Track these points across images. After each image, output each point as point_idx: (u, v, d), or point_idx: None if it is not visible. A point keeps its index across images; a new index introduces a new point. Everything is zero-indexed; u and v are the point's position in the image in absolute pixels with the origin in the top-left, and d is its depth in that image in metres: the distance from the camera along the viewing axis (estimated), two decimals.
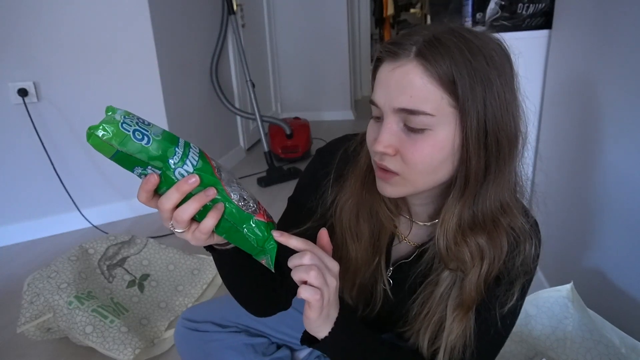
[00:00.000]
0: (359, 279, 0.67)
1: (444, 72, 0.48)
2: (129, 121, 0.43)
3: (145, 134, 0.44)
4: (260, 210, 0.53)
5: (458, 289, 0.59)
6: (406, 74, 0.49)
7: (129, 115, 0.44)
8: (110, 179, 2.16)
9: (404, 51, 0.50)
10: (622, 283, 0.85)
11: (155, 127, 0.46)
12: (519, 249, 0.58)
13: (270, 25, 3.88)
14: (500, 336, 0.62)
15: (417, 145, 0.50)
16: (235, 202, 0.49)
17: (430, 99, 0.49)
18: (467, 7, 1.41)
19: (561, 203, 1.21)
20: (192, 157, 0.47)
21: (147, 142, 0.44)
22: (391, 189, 0.55)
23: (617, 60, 0.90)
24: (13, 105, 1.86)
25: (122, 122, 0.43)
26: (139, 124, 0.44)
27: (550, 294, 0.91)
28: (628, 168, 0.83)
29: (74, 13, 1.90)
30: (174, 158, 0.45)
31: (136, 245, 1.53)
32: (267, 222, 0.53)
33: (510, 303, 0.59)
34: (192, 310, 0.89)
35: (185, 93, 2.43)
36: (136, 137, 0.43)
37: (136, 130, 0.43)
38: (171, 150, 0.45)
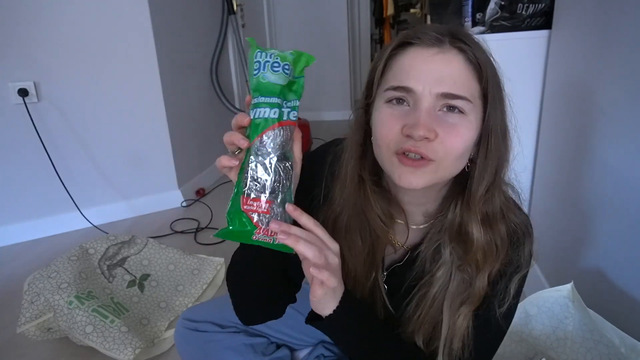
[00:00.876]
0: (358, 294, 0.66)
1: (479, 63, 0.52)
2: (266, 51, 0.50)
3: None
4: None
5: (460, 287, 0.59)
6: (449, 61, 0.52)
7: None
8: (110, 179, 2.16)
9: (440, 39, 0.52)
10: (622, 283, 0.85)
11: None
12: (518, 242, 0.59)
13: (270, 25, 3.88)
14: (500, 333, 0.62)
15: (456, 129, 0.52)
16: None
17: (468, 86, 0.52)
18: (467, 7, 1.41)
19: (561, 203, 1.21)
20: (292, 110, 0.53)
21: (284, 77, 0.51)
22: (418, 179, 0.53)
23: (616, 61, 0.90)
24: (13, 105, 1.86)
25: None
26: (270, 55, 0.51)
27: (551, 293, 0.91)
28: (628, 168, 0.83)
29: (74, 13, 1.90)
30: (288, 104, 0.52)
31: (136, 245, 1.53)
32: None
33: (508, 300, 0.59)
34: (192, 310, 0.89)
35: (185, 93, 2.43)
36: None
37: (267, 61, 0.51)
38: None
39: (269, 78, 0.50)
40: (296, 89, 0.53)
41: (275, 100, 0.50)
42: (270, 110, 0.50)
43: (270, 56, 0.50)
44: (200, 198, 2.41)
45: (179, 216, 2.18)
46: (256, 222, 0.50)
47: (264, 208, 0.50)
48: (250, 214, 0.50)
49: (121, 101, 2.09)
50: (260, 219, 0.50)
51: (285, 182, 0.51)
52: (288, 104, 0.52)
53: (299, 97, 0.53)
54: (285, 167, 0.51)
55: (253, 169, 0.50)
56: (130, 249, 1.52)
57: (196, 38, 2.57)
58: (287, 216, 0.52)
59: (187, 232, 2.03)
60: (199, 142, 2.59)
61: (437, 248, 0.61)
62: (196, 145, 2.55)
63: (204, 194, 2.46)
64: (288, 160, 0.52)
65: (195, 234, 2.00)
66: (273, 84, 0.50)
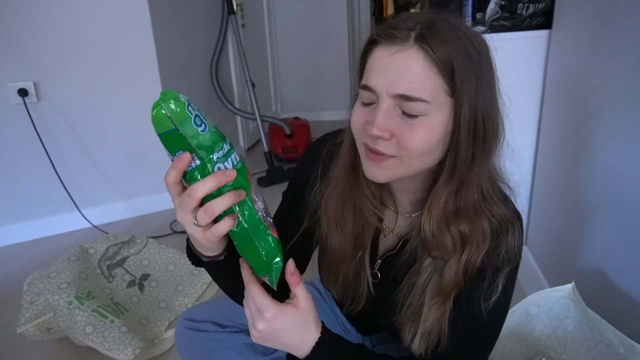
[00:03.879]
0: (343, 271, 0.67)
1: (444, 59, 0.49)
2: (193, 106, 0.44)
3: (204, 122, 0.45)
4: (274, 227, 0.54)
5: (438, 277, 0.59)
6: (407, 59, 0.50)
7: (191, 101, 0.45)
8: (110, 179, 2.16)
9: (403, 36, 0.50)
10: (622, 283, 0.85)
11: (209, 120, 0.47)
12: (502, 237, 0.58)
13: (270, 25, 3.88)
14: (485, 329, 0.61)
15: (413, 130, 0.51)
16: (257, 212, 0.49)
17: (427, 86, 0.49)
18: (467, 7, 1.41)
19: (561, 203, 1.21)
20: (234, 157, 0.48)
21: (203, 129, 0.44)
22: (383, 172, 0.54)
23: (616, 60, 0.90)
24: (13, 105, 1.86)
25: (187, 104, 0.43)
26: (200, 111, 0.45)
27: (552, 293, 0.90)
28: (628, 168, 0.83)
29: (74, 13, 1.90)
30: (218, 153, 0.46)
31: (136, 245, 1.53)
32: (279, 240, 0.53)
33: (495, 295, 0.58)
34: (192, 310, 0.89)
35: (185, 93, 2.37)
36: (196, 122, 0.44)
37: (197, 115, 0.44)
38: (219, 144, 0.46)
39: (185, 130, 0.45)
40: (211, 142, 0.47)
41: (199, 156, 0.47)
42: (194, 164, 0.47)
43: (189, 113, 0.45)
44: None
45: None
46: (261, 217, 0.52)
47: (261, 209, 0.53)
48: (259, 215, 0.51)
49: (121, 101, 2.09)
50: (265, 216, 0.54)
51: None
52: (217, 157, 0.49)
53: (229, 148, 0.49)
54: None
55: (260, 202, 0.52)
56: (130, 249, 1.52)
57: (196, 38, 2.57)
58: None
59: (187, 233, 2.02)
60: None
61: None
62: None
63: None
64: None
65: None
66: (184, 139, 0.45)
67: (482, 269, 0.58)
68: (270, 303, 0.53)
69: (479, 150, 0.53)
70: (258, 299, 0.54)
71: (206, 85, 2.70)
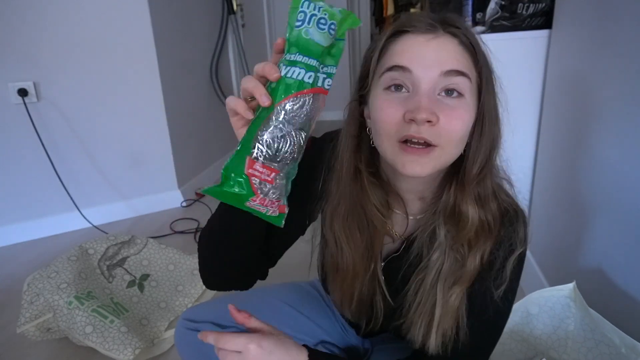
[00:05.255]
0: (358, 288, 0.66)
1: (471, 45, 0.53)
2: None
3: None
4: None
5: (452, 267, 0.59)
6: (444, 44, 0.52)
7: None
8: (110, 179, 2.16)
9: (431, 26, 0.53)
10: (623, 282, 0.85)
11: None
12: (509, 223, 0.59)
13: (270, 25, 3.88)
14: (498, 317, 0.61)
15: (457, 111, 0.52)
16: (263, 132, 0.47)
17: (467, 66, 0.53)
18: (467, 7, 1.41)
19: (561, 202, 1.21)
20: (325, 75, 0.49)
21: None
22: (424, 167, 0.53)
23: (616, 60, 0.90)
24: (13, 105, 1.86)
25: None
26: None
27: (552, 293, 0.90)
28: (628, 167, 0.83)
29: (74, 13, 1.90)
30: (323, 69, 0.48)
31: (136, 245, 1.53)
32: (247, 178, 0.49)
33: (505, 283, 0.58)
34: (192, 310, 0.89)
35: (185, 93, 2.43)
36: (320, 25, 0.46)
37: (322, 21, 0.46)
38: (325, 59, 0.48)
39: (313, 35, 0.45)
40: (335, 53, 0.48)
41: (314, 63, 0.45)
42: (305, 72, 0.45)
43: (319, 10, 0.45)
44: (200, 198, 2.41)
45: (179, 216, 2.18)
46: (256, 188, 0.47)
47: (269, 177, 0.47)
48: (252, 179, 0.46)
49: (121, 101, 2.09)
50: (261, 186, 0.47)
51: (296, 155, 0.48)
52: (325, 69, 0.47)
53: (336, 64, 0.48)
54: (301, 139, 0.47)
55: (272, 133, 0.45)
56: (130, 249, 1.52)
57: (196, 38, 2.57)
58: (285, 189, 0.50)
59: (187, 233, 2.03)
60: (199, 142, 2.59)
61: (432, 231, 0.61)
62: (196, 145, 2.55)
63: (204, 195, 2.46)
64: (305, 132, 0.48)
65: (195, 234, 2.00)
66: (316, 44, 0.45)
67: (493, 257, 0.58)
68: (246, 336, 0.54)
69: (497, 136, 0.56)
70: (234, 340, 0.54)
71: (206, 85, 2.70)
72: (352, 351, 0.88)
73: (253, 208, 0.48)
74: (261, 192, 0.47)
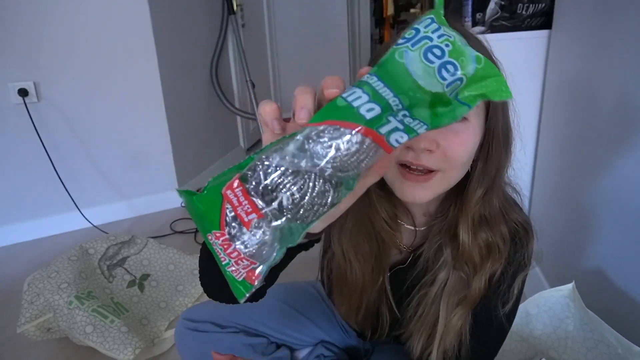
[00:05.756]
0: (365, 300, 0.65)
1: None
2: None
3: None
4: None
5: (458, 286, 0.58)
6: None
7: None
8: (110, 179, 2.16)
9: None
10: (623, 283, 0.85)
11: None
12: (519, 242, 0.58)
13: (270, 25, 3.88)
14: (502, 334, 0.62)
15: (458, 137, 0.49)
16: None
17: None
18: (467, 7, 1.41)
19: (561, 203, 1.21)
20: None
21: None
22: (426, 192, 0.50)
23: (616, 60, 0.90)
24: (13, 106, 1.86)
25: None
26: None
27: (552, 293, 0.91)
28: (628, 168, 0.83)
29: (74, 13, 1.90)
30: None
31: (136, 245, 1.53)
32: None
33: (511, 301, 0.58)
34: (192, 310, 0.89)
35: (185, 93, 2.43)
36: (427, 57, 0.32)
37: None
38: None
39: (410, 62, 0.31)
40: (443, 115, 0.31)
41: (389, 97, 0.31)
42: (368, 102, 0.30)
43: (438, 35, 0.32)
44: None
45: (179, 216, 2.18)
46: (224, 222, 0.32)
47: (247, 217, 0.31)
48: (225, 205, 0.32)
49: (121, 101, 2.09)
50: (231, 223, 0.32)
51: (306, 213, 0.31)
52: (407, 119, 0.31)
53: (433, 126, 0.31)
54: (324, 193, 0.31)
55: (283, 160, 0.30)
56: (130, 249, 1.52)
57: (196, 38, 2.57)
58: (270, 252, 0.32)
59: (187, 232, 2.03)
60: (199, 142, 2.59)
61: (438, 248, 0.61)
62: (196, 145, 2.55)
63: None
64: (335, 191, 0.31)
65: (195, 234, 2.00)
66: (406, 74, 0.31)
67: (500, 277, 0.58)
68: None
69: (505, 156, 0.53)
70: None
71: (206, 85, 2.70)
72: (352, 351, 0.89)
73: (214, 249, 0.33)
74: (228, 232, 0.32)
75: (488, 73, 0.31)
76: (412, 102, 0.31)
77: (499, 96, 0.31)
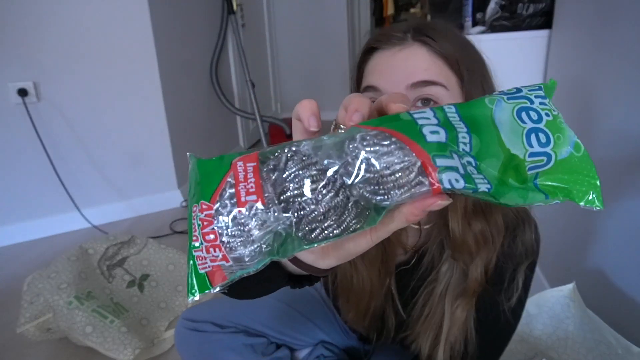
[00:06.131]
0: (373, 304, 0.65)
1: (447, 51, 0.49)
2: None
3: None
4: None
5: (459, 279, 0.58)
6: (411, 54, 0.50)
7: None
8: (110, 179, 2.16)
9: (400, 37, 0.50)
10: (623, 284, 0.85)
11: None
12: (518, 230, 0.58)
13: (270, 25, 3.88)
14: (509, 328, 0.61)
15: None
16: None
17: (441, 74, 0.49)
18: (467, 7, 1.41)
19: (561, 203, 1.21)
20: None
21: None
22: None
23: (616, 60, 0.90)
24: (13, 105, 1.86)
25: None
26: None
27: (552, 293, 0.91)
28: (628, 168, 0.83)
29: (74, 13, 1.90)
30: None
31: (136, 246, 1.53)
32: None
33: (516, 293, 0.58)
34: (192, 310, 0.89)
35: (185, 93, 2.43)
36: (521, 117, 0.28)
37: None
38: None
39: (498, 112, 0.27)
40: (511, 186, 0.26)
41: (462, 137, 0.26)
42: (435, 125, 0.26)
43: (542, 104, 0.28)
44: None
45: (179, 216, 2.18)
46: (217, 194, 0.27)
47: (249, 195, 0.26)
48: (228, 175, 0.27)
49: (121, 101, 2.09)
50: (225, 201, 0.27)
51: (317, 228, 0.26)
52: (470, 168, 0.25)
53: (496, 197, 0.26)
54: (344, 215, 0.26)
55: (318, 156, 0.26)
56: (129, 249, 1.52)
57: (196, 38, 2.57)
58: (252, 255, 0.27)
59: (187, 233, 2.02)
60: (199, 141, 2.59)
61: (440, 244, 0.60)
62: (196, 145, 2.55)
63: None
64: (359, 215, 0.26)
65: None
66: (490, 121, 0.27)
67: (502, 268, 0.58)
68: None
69: None
70: None
71: (206, 85, 2.70)
72: (352, 351, 0.88)
73: (192, 223, 0.28)
74: (216, 208, 0.27)
75: (583, 168, 0.27)
76: (483, 150, 0.26)
77: (585, 201, 0.26)
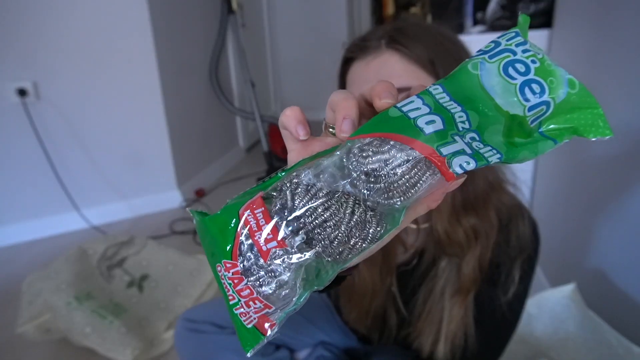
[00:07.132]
0: (375, 303, 0.65)
1: (420, 54, 0.49)
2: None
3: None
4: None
5: (457, 275, 0.58)
6: (383, 62, 0.50)
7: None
8: (109, 179, 2.16)
9: (375, 44, 0.50)
10: (624, 284, 0.85)
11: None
12: (511, 225, 0.58)
13: (270, 25, 3.88)
14: (507, 323, 0.61)
15: None
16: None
17: (418, 78, 0.49)
18: (468, 7, 1.40)
19: (562, 203, 1.21)
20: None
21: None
22: None
23: (617, 59, 0.89)
24: (12, 105, 1.86)
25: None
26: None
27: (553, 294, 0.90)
28: (629, 168, 0.83)
29: (74, 13, 1.89)
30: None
31: (135, 246, 1.53)
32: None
33: (513, 287, 0.57)
34: (192, 310, 0.89)
35: (185, 93, 2.43)
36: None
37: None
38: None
39: (485, 76, 0.26)
40: (520, 144, 0.26)
41: (454, 110, 0.25)
42: (427, 114, 0.25)
43: (522, 50, 0.28)
44: (199, 198, 2.41)
45: (178, 216, 2.18)
46: (237, 252, 0.26)
47: (266, 244, 0.25)
48: (240, 232, 0.26)
49: (120, 101, 2.09)
50: (246, 254, 0.26)
51: (345, 249, 0.25)
52: (477, 144, 0.25)
53: (508, 160, 0.25)
54: (367, 227, 0.25)
55: (321, 181, 0.25)
56: (129, 250, 1.52)
57: (196, 37, 2.56)
58: (292, 295, 0.27)
59: (187, 233, 2.02)
60: (198, 142, 2.59)
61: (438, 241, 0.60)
62: (195, 145, 2.55)
63: (204, 194, 2.46)
64: (381, 222, 0.25)
65: (194, 235, 1.99)
66: (479, 87, 0.26)
67: (497, 263, 0.58)
68: None
69: None
70: None
71: (206, 85, 2.70)
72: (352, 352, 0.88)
73: (222, 284, 0.27)
74: (241, 264, 0.26)
75: (582, 102, 0.27)
76: (482, 122, 0.25)
77: (594, 133, 0.26)
